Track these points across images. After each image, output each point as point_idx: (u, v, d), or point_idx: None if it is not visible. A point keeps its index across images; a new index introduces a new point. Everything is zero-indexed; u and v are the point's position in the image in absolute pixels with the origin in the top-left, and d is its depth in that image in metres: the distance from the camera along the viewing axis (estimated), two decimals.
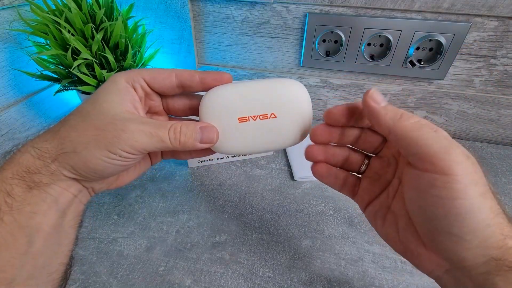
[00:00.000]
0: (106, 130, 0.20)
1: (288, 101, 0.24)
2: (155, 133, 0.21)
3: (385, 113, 0.20)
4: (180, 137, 0.22)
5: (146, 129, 0.21)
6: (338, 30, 0.49)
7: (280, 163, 0.49)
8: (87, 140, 0.20)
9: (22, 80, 0.49)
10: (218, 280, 0.32)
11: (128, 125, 0.21)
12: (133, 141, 0.20)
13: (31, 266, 0.19)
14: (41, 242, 0.20)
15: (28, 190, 0.19)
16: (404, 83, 0.54)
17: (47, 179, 0.20)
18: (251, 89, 0.25)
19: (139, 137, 0.21)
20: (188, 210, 0.40)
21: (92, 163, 0.20)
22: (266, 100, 0.24)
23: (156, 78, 0.24)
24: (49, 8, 0.41)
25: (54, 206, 0.20)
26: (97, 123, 0.21)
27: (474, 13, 0.44)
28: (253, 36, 0.56)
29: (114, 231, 0.37)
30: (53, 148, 0.20)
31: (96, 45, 0.41)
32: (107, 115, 0.21)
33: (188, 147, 0.23)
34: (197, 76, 0.24)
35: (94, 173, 0.21)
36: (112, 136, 0.20)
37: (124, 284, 0.31)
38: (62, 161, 0.20)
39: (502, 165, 0.49)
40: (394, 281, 0.32)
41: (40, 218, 0.20)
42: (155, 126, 0.22)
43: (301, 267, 0.33)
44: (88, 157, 0.20)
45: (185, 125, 0.23)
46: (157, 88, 0.24)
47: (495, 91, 0.51)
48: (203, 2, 0.54)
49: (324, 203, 0.41)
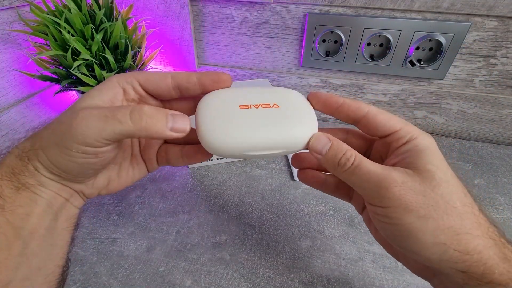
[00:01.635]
0: (61, 122, 0.19)
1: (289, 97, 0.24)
2: (111, 115, 0.18)
3: (326, 164, 0.22)
4: (146, 118, 0.19)
5: (101, 112, 0.18)
6: (338, 30, 0.49)
7: (280, 163, 0.49)
8: (47, 136, 0.19)
9: (22, 81, 0.49)
10: (218, 281, 0.32)
11: (80, 112, 0.18)
12: (85, 127, 0.18)
13: (26, 268, 0.19)
14: (35, 243, 0.20)
15: (17, 191, 0.19)
16: (404, 83, 0.54)
17: (32, 180, 0.20)
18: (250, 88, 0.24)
19: (91, 123, 0.18)
20: (188, 210, 0.40)
21: (56, 161, 0.19)
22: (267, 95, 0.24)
23: (150, 80, 0.22)
24: (49, 8, 0.41)
25: (47, 209, 0.20)
26: (61, 117, 0.19)
27: (474, 13, 0.44)
28: (253, 36, 0.56)
29: (114, 232, 0.37)
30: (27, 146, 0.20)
31: (96, 46, 0.41)
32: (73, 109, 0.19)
33: (155, 132, 0.19)
34: (194, 77, 0.22)
35: (65, 172, 0.20)
36: (64, 128, 0.18)
37: (125, 284, 0.31)
38: (33, 158, 0.19)
39: (502, 165, 0.49)
40: (394, 281, 0.32)
41: (34, 220, 0.19)
42: (113, 109, 0.19)
43: (301, 267, 0.33)
44: (50, 154, 0.19)
45: (154, 109, 0.19)
46: (152, 90, 0.23)
47: (495, 91, 0.51)
48: (202, 3, 0.54)
49: (324, 203, 0.41)
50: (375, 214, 0.20)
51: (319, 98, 0.23)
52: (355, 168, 0.20)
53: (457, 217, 0.18)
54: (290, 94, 0.24)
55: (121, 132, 0.18)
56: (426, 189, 0.18)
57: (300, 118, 0.23)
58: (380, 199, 0.19)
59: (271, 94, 0.24)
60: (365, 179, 0.19)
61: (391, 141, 0.22)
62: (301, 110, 0.23)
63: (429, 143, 0.20)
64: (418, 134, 0.20)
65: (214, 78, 0.23)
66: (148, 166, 0.27)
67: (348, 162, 0.20)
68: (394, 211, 0.18)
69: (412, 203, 0.18)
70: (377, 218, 0.20)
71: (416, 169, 0.19)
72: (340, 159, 0.20)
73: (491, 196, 0.43)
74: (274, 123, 0.22)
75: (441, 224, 0.18)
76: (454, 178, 0.19)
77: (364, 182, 0.20)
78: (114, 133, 0.18)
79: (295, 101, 0.24)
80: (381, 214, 0.19)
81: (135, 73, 0.23)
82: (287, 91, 0.25)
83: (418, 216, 0.18)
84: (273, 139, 0.21)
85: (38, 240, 0.20)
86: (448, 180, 0.19)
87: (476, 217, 0.18)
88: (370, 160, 0.20)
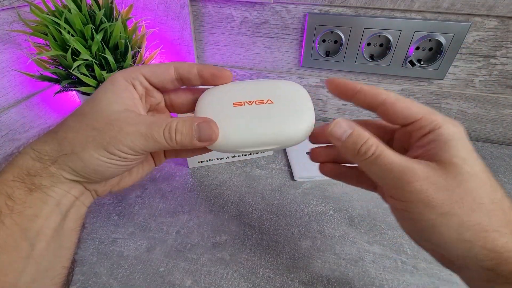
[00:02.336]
0: (103, 130, 0.20)
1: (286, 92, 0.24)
2: (150, 135, 0.20)
3: (345, 151, 0.20)
4: (176, 136, 0.21)
5: (141, 130, 0.20)
6: (338, 30, 0.49)
7: (280, 163, 0.49)
8: (84, 140, 0.20)
9: (21, 81, 0.49)
10: (218, 281, 0.32)
11: (124, 126, 0.20)
12: (130, 142, 0.20)
13: (34, 270, 0.19)
14: (43, 245, 0.20)
15: (29, 193, 0.19)
16: (404, 83, 0.54)
17: (47, 181, 0.20)
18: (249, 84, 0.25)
19: (135, 138, 0.20)
20: (188, 210, 0.40)
21: (91, 164, 0.20)
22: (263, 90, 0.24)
23: (155, 72, 0.23)
24: (49, 9, 0.41)
25: (56, 209, 0.20)
26: (94, 123, 0.20)
27: (474, 12, 0.44)
28: (253, 37, 0.56)
29: (114, 232, 0.37)
30: (52, 150, 0.20)
31: (96, 46, 0.41)
32: (104, 115, 0.21)
33: (185, 146, 0.22)
34: (195, 69, 0.23)
35: (94, 174, 0.21)
36: (109, 137, 0.20)
37: (125, 284, 0.31)
38: (61, 163, 0.20)
39: (502, 165, 0.49)
40: (394, 281, 0.32)
41: (41, 221, 0.19)
42: (149, 126, 0.21)
43: (302, 267, 0.33)
44: (86, 157, 0.20)
45: (181, 122, 0.21)
46: (157, 83, 0.24)
47: (495, 91, 0.51)
48: (202, 3, 0.54)
49: (325, 203, 0.41)
50: (396, 208, 0.20)
51: (336, 84, 0.23)
52: (376, 158, 0.19)
53: (484, 214, 0.17)
54: (287, 87, 0.25)
55: (158, 148, 0.21)
56: (451, 184, 0.17)
57: (294, 112, 0.23)
58: (401, 193, 0.18)
59: (267, 89, 0.24)
60: (386, 170, 0.18)
61: (412, 130, 0.20)
62: (296, 104, 0.23)
63: (455, 132, 0.19)
64: (442, 123, 0.19)
65: (214, 72, 0.24)
66: (156, 160, 0.28)
67: (369, 151, 0.19)
68: (415, 206, 0.18)
69: (434, 199, 0.17)
70: (398, 212, 0.20)
71: (441, 162, 0.18)
72: (360, 147, 0.19)
73: None
74: (266, 120, 0.23)
75: (466, 221, 0.17)
76: (483, 172, 0.18)
77: (385, 173, 0.19)
78: (153, 148, 0.21)
79: (292, 95, 0.24)
80: (401, 209, 0.19)
81: (139, 67, 0.23)
82: (286, 84, 0.25)
83: (441, 213, 0.17)
84: (264, 135, 0.22)
85: (46, 241, 0.20)
86: (475, 174, 0.18)
87: (506, 214, 0.17)
88: (392, 150, 0.19)
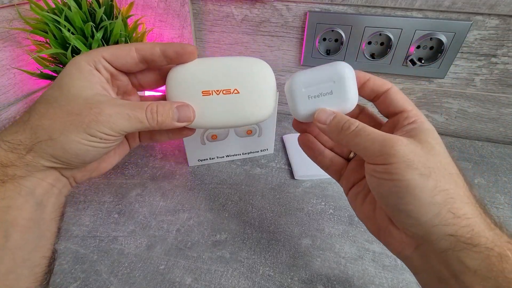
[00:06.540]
0: (81, 114, 0.20)
1: (252, 78, 0.25)
2: (132, 114, 0.21)
3: (329, 131, 0.24)
4: (158, 116, 0.22)
5: (123, 111, 0.21)
6: (339, 29, 0.49)
7: (280, 161, 0.49)
8: (62, 126, 0.20)
9: (22, 79, 0.49)
10: (218, 279, 0.32)
11: (104, 108, 0.21)
12: (112, 123, 0.21)
13: (10, 261, 0.19)
14: (18, 236, 0.19)
15: (1, 184, 0.19)
16: (404, 82, 0.54)
17: (22, 171, 0.20)
18: (215, 65, 0.25)
19: (117, 120, 0.21)
20: (189, 208, 0.40)
21: (71, 148, 0.20)
22: (230, 76, 0.24)
23: (116, 56, 0.23)
24: (49, 6, 0.41)
25: (30, 199, 0.20)
26: (69, 108, 0.20)
27: (475, 11, 0.44)
28: (253, 35, 0.56)
29: (115, 230, 0.37)
30: (26, 139, 0.20)
31: (96, 44, 0.41)
32: (79, 100, 0.21)
33: (166, 126, 0.23)
34: (157, 49, 0.23)
35: (75, 158, 0.21)
36: (88, 120, 0.20)
37: (125, 282, 0.31)
38: (38, 150, 0.20)
39: (503, 164, 0.49)
40: (394, 280, 0.32)
41: (15, 212, 0.19)
42: (132, 108, 0.22)
43: (301, 265, 0.34)
44: (66, 142, 0.20)
45: (162, 105, 0.23)
46: (120, 66, 0.23)
47: (496, 90, 0.51)
48: (203, 1, 0.54)
49: (324, 201, 0.42)
50: (374, 172, 0.21)
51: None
52: (359, 130, 0.22)
53: (452, 182, 0.20)
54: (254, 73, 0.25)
55: (139, 128, 0.22)
56: (427, 154, 0.20)
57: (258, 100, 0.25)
58: (384, 157, 0.20)
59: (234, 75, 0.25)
60: (370, 140, 0.21)
61: (400, 118, 0.23)
62: (260, 92, 0.25)
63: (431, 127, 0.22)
64: (424, 119, 0.23)
65: (178, 50, 0.23)
66: (130, 143, 0.29)
67: (352, 126, 0.22)
68: (396, 167, 0.19)
69: (414, 161, 0.19)
70: (377, 175, 0.21)
71: (419, 139, 0.21)
72: (343, 123, 0.22)
73: (491, 195, 0.43)
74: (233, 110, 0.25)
75: (438, 185, 0.19)
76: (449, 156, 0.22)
77: (368, 143, 0.21)
78: (135, 128, 0.22)
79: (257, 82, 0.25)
80: (381, 171, 0.20)
81: (99, 49, 0.23)
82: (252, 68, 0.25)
83: (420, 174, 0.19)
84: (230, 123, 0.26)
85: (21, 232, 0.20)
86: (444, 153, 0.21)
87: (467, 189, 0.20)
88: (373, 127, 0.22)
